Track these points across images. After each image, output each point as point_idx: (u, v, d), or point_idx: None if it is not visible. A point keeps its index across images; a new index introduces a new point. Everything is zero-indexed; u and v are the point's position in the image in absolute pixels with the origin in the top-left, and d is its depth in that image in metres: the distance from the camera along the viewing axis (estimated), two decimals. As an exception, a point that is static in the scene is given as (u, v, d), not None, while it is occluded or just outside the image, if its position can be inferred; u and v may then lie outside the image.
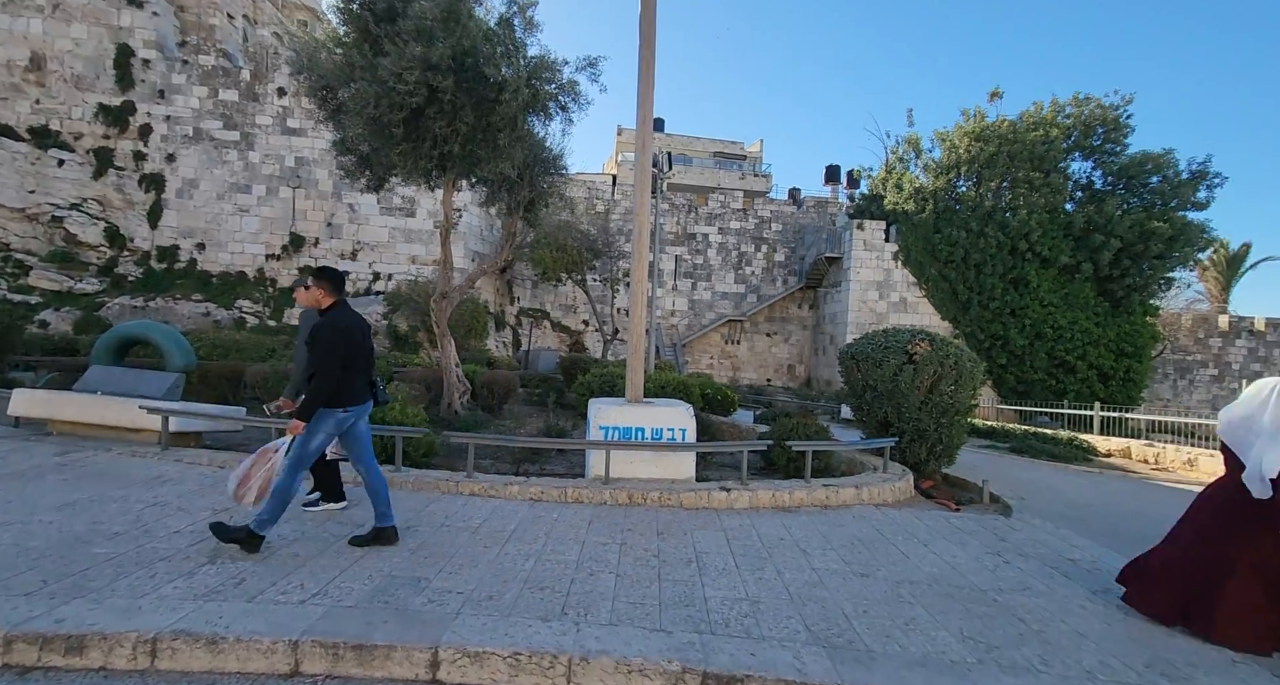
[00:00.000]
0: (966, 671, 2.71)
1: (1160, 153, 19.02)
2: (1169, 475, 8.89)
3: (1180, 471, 9.03)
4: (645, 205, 6.07)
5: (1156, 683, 2.71)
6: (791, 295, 26.60)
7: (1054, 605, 3.56)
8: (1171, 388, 24.56)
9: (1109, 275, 19.74)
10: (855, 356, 7.61)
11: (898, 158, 23.37)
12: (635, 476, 5.63)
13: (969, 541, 4.75)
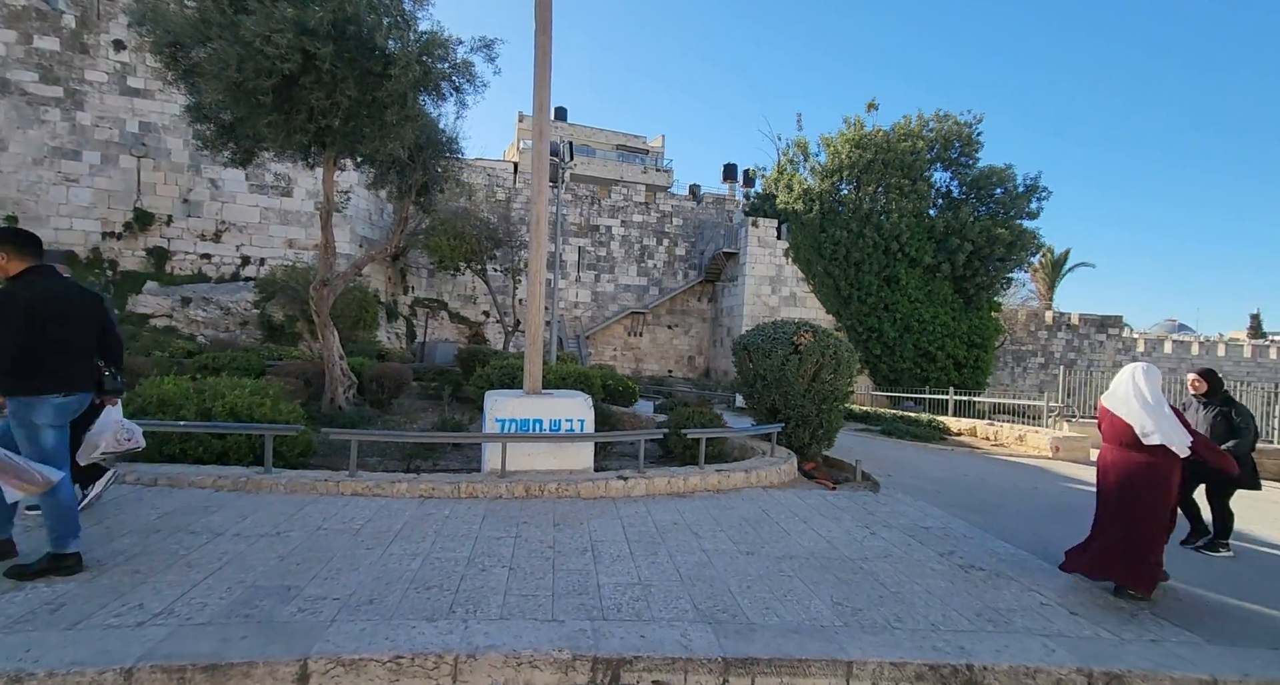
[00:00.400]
0: (834, 634, 2.97)
1: (1003, 167, 21.77)
2: (1004, 450, 10.30)
3: (1013, 446, 10.50)
4: (543, 194, 5.97)
5: (983, 628, 3.14)
6: (692, 289, 27.43)
7: (909, 569, 3.99)
8: (1009, 374, 28.25)
9: (963, 275, 22.31)
10: (747, 347, 8.00)
11: (788, 160, 24.79)
12: (533, 469, 5.56)
13: (843, 517, 5.20)
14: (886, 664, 2.76)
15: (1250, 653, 3.00)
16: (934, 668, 2.77)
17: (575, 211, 26.22)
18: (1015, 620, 3.28)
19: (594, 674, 2.56)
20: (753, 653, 2.72)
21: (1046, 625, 3.23)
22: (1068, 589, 3.77)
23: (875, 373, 23.71)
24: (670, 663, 2.62)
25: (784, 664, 2.70)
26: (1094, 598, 3.66)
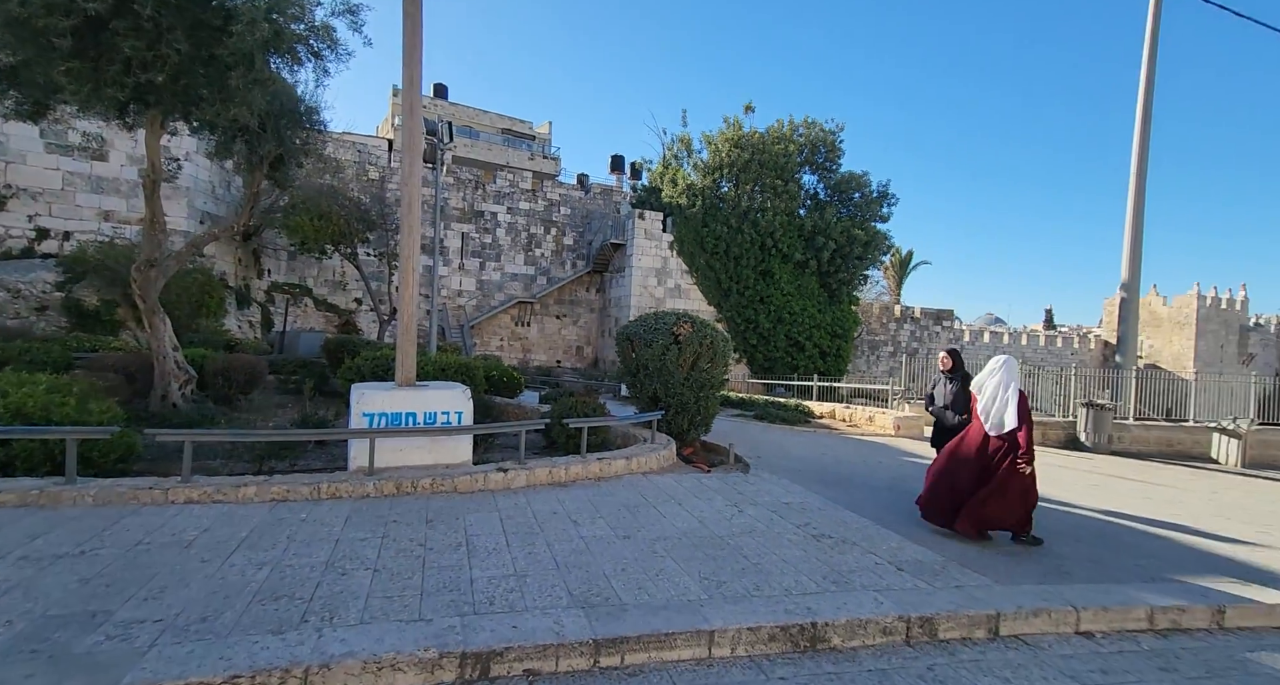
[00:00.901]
0: (700, 607, 3.17)
1: (861, 174, 24.06)
2: (858, 430, 11.52)
3: (865, 427, 11.77)
4: (416, 175, 5.63)
5: (828, 589, 3.51)
6: (580, 279, 27.36)
7: (770, 542, 4.34)
8: (866, 361, 31.46)
9: (828, 271, 24.39)
10: (630, 337, 8.17)
11: (673, 154, 25.47)
12: (406, 464, 5.29)
13: (715, 497, 5.52)
14: (744, 629, 3.00)
15: (1023, 589, 3.64)
16: (784, 628, 3.06)
17: (458, 196, 25.01)
18: (854, 580, 3.70)
19: (462, 670, 2.51)
20: (623, 632, 2.83)
21: (878, 581, 3.68)
22: (897, 550, 4.31)
23: (752, 362, 25.26)
24: (542, 650, 2.65)
25: (651, 639, 2.84)
26: (917, 556, 4.22)
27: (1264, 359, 37.07)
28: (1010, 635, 3.34)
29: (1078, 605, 3.47)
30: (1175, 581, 3.95)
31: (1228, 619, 3.59)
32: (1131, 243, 13.53)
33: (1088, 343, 36.90)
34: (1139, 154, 12.94)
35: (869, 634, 3.17)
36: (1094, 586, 3.78)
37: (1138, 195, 12.98)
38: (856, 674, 2.85)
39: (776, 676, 2.79)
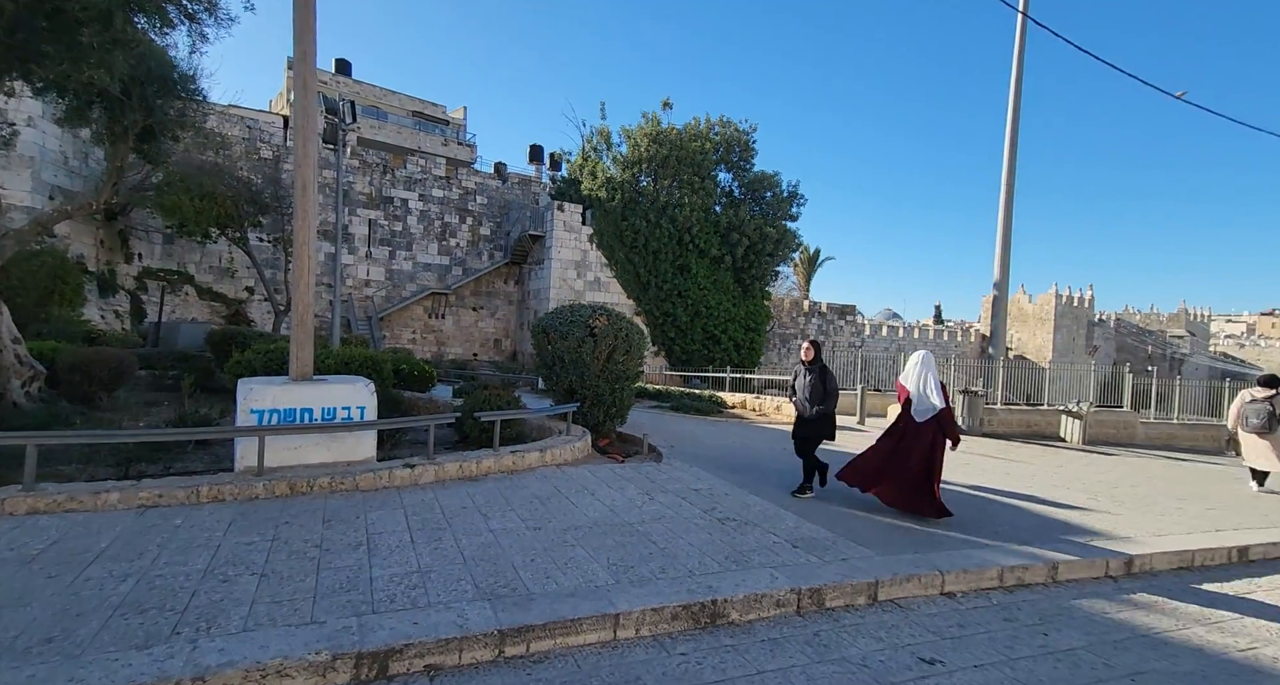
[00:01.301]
0: (607, 592, 3.25)
1: (772, 173, 25.16)
2: (766, 419, 12.14)
3: (773, 415, 12.42)
4: (310, 155, 5.27)
5: (730, 568, 3.71)
6: (498, 270, 26.69)
7: (678, 526, 4.51)
8: (777, 354, 33.04)
9: (742, 266, 25.32)
10: (546, 330, 8.12)
11: (592, 147, 25.38)
12: (301, 463, 4.98)
13: (627, 486, 5.63)
14: (648, 610, 3.12)
15: (899, 558, 4.03)
16: (687, 607, 3.21)
17: (364, 180, 23.56)
18: (753, 558, 3.93)
19: (358, 671, 2.44)
20: (528, 621, 2.85)
21: (775, 559, 3.94)
22: (794, 529, 4.62)
23: (670, 354, 25.79)
24: (444, 644, 2.62)
25: (558, 626, 2.89)
26: (811, 533, 4.54)
27: (1105, 350, 42.68)
28: (887, 599, 3.69)
29: (943, 570, 3.89)
30: (1023, 544, 4.51)
31: (1060, 573, 4.16)
32: (1002, 249, 15.07)
33: (969, 336, 40.78)
34: (1007, 179, 14.47)
35: (764, 607, 3.39)
36: (957, 553, 4.25)
37: (1006, 211, 14.51)
38: (751, 645, 3.05)
39: (678, 652, 2.92)
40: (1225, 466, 9.31)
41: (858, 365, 14.93)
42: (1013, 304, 42.45)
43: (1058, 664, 2.98)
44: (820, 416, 5.64)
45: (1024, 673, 2.89)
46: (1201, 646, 3.23)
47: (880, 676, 2.80)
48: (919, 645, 3.13)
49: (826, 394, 5.63)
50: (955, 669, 2.91)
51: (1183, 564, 4.56)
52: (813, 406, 5.61)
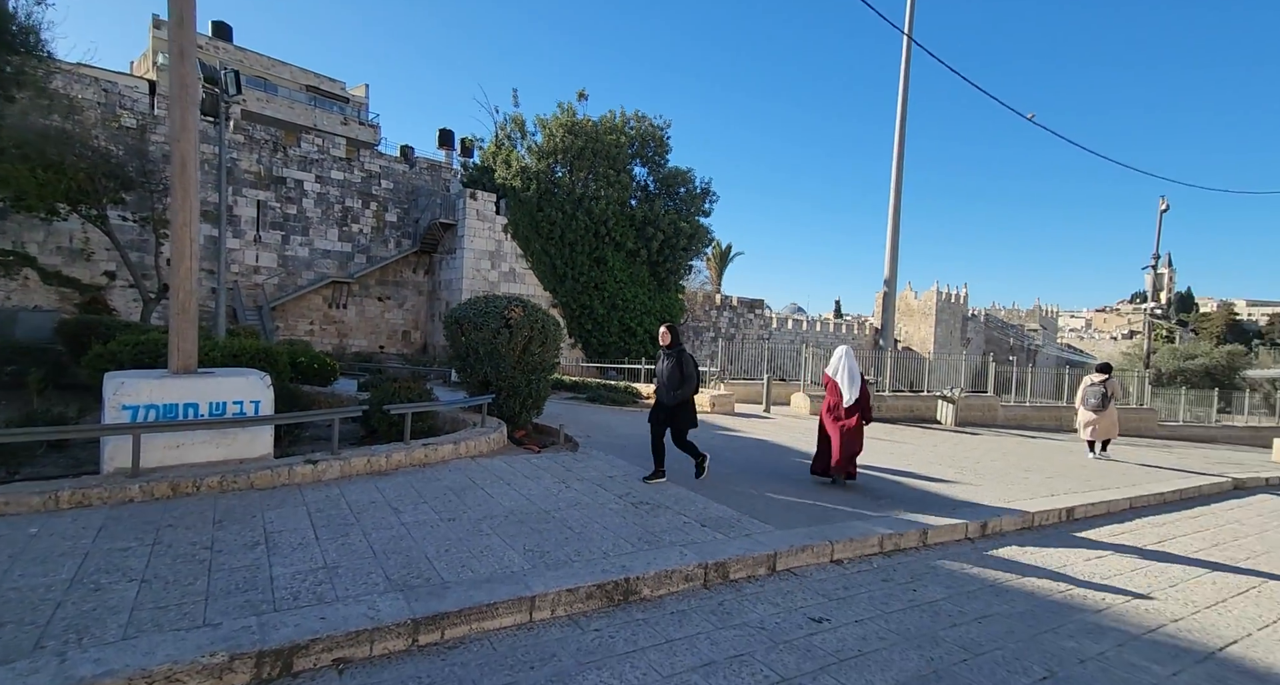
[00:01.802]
0: (523, 576, 3.32)
1: (686, 170, 25.77)
2: (681, 407, 12.58)
3: (687, 404, 12.89)
4: (190, 128, 4.83)
5: (642, 548, 3.90)
6: (406, 258, 25.43)
7: (594, 512, 4.64)
8: (692, 346, 34.03)
9: (657, 260, 25.79)
10: (459, 321, 7.93)
11: (506, 135, 24.78)
12: (186, 462, 4.60)
13: (543, 476, 5.69)
14: (563, 592, 3.22)
15: (795, 532, 4.41)
16: (600, 586, 3.35)
17: (251, 157, 21.55)
18: (665, 538, 4.14)
19: (259, 670, 2.36)
20: (443, 608, 2.87)
21: (685, 538, 4.17)
22: (703, 510, 4.89)
23: (587, 346, 25.83)
24: (354, 636, 2.59)
25: (473, 612, 2.93)
26: (718, 513, 4.84)
27: (976, 342, 47.73)
28: (784, 569, 4.03)
29: (832, 540, 4.30)
30: (900, 514, 5.07)
31: (930, 538, 4.73)
32: (891, 251, 16.43)
33: (864, 329, 44.05)
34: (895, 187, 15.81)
35: (674, 583, 3.61)
36: (845, 524, 4.70)
37: (894, 216, 15.85)
38: (661, 617, 3.24)
39: (592, 629, 3.06)
40: (1064, 442, 10.84)
41: (764, 357, 15.78)
42: (901, 300, 46.36)
43: (922, 614, 3.43)
44: (680, 402, 5.48)
45: (895, 623, 3.30)
46: (1033, 591, 3.82)
47: (775, 636, 3.09)
48: (810, 607, 3.47)
49: (684, 379, 5.44)
50: (839, 624, 3.26)
51: (1025, 525, 5.32)
52: (671, 391, 5.44)
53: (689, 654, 2.87)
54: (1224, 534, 5.55)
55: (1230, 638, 3.24)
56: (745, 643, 3.01)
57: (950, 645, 3.07)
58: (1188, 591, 3.92)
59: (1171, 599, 3.77)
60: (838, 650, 2.97)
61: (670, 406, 5.54)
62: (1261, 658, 3.04)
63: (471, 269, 23.46)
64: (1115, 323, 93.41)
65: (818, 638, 3.10)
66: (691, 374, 5.49)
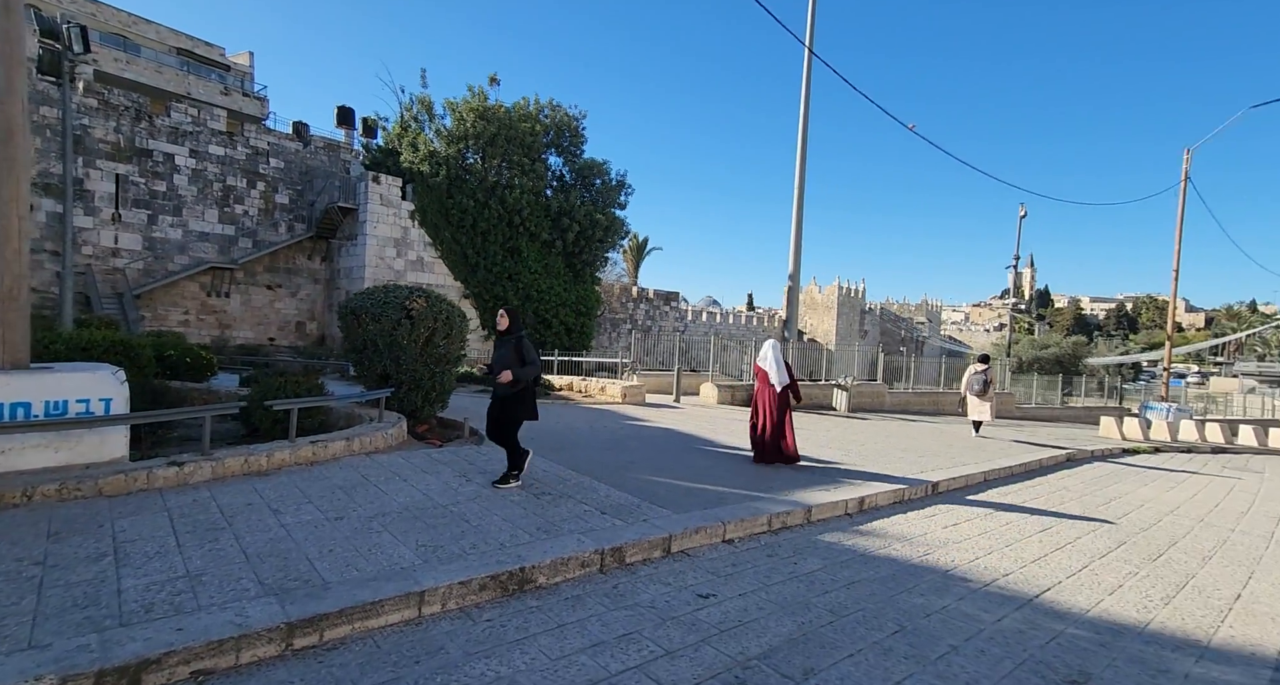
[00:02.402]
0: (413, 572, 3.25)
1: (602, 161, 25.78)
2: (592, 400, 12.65)
3: (598, 396, 12.98)
4: (16, 88, 4.22)
5: (540, 538, 3.92)
6: (300, 244, 23.60)
7: (495, 505, 4.60)
8: (608, 338, 34.19)
9: (572, 251, 25.64)
10: (355, 312, 7.52)
11: (412, 116, 23.58)
12: (16, 469, 4.06)
13: (443, 470, 5.55)
14: (455, 584, 3.19)
15: (691, 515, 4.61)
16: (494, 577, 3.34)
17: (107, 125, 19.05)
18: (564, 527, 4.19)
19: (101, 690, 2.16)
20: (322, 609, 2.76)
21: (584, 525, 4.24)
22: (605, 498, 4.98)
23: (501, 339, 25.26)
24: (217, 646, 2.43)
25: (356, 611, 2.83)
26: (620, 500, 4.95)
27: (873, 334, 51.54)
28: (679, 551, 4.21)
29: (724, 521, 4.53)
30: (789, 494, 5.43)
31: (814, 514, 5.11)
32: (795, 247, 17.35)
33: (773, 321, 46.21)
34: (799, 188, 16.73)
35: (570, 569, 3.67)
36: (739, 506, 4.97)
37: (798, 215, 16.76)
38: (555, 603, 3.30)
39: (484, 620, 3.06)
40: (938, 424, 12.02)
41: (676, 349, 16.20)
42: (807, 294, 49.06)
43: (799, 584, 3.71)
44: (516, 395, 4.97)
45: (775, 594, 3.55)
46: (896, 557, 4.25)
47: (664, 613, 3.23)
48: (699, 585, 3.65)
49: (525, 366, 4.95)
50: (725, 599, 3.46)
51: (896, 499, 5.87)
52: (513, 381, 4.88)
53: (579, 636, 2.94)
54: (1054, 499, 6.43)
55: (1046, 586, 3.78)
56: (635, 622, 3.12)
57: (820, 610, 3.36)
58: (1019, 549, 4.52)
59: (1006, 557, 4.33)
60: (720, 622, 3.16)
61: (502, 397, 5.04)
62: (1065, 600, 3.58)
63: (375, 257, 22.20)
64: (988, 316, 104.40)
65: (703, 612, 3.28)
66: (533, 361, 5.02)
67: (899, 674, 2.75)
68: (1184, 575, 4.14)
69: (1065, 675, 2.74)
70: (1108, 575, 4.03)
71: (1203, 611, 3.54)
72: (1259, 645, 3.17)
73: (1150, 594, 3.74)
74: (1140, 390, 28.77)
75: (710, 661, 2.78)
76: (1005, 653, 2.93)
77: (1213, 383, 55.21)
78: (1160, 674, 2.79)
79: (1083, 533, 5.06)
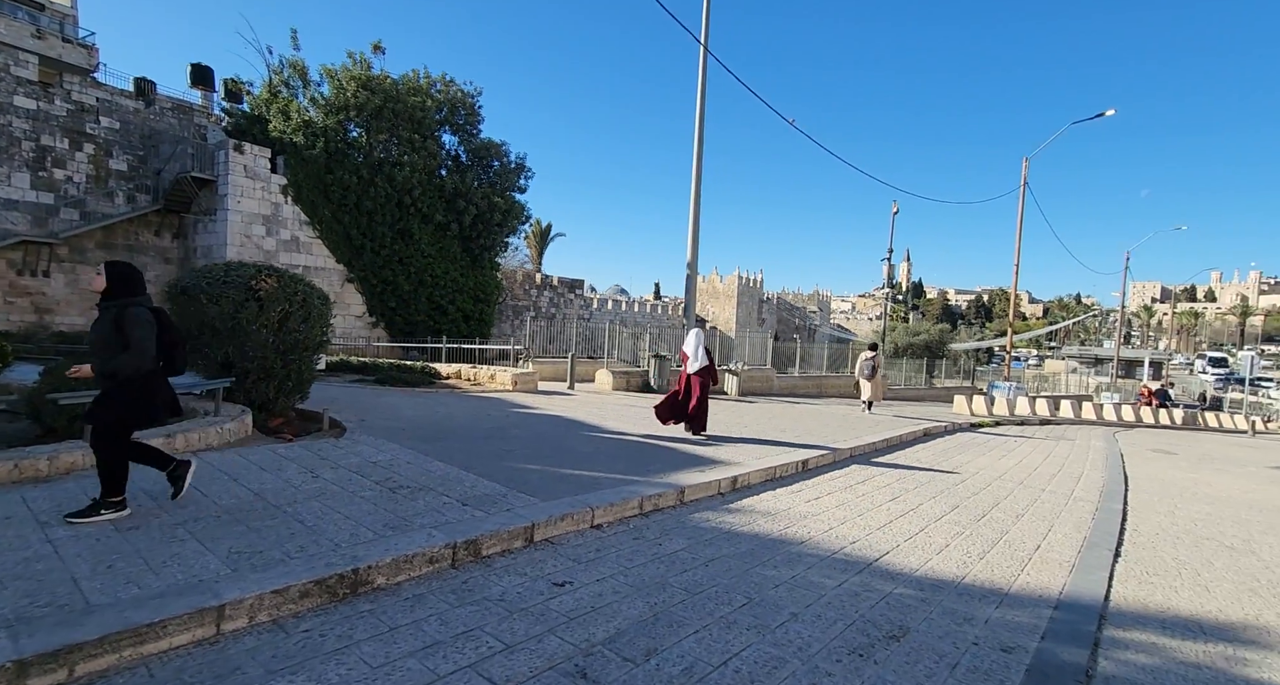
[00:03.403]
0: (214, 584, 2.82)
1: (500, 143, 24.78)
2: (480, 388, 12.13)
3: (488, 385, 12.47)
4: None
5: (385, 534, 3.59)
6: (145, 218, 20.68)
7: (340, 501, 4.18)
8: (511, 326, 33.20)
9: (470, 235, 24.51)
10: (186, 291, 6.60)
11: (283, 81, 21.31)
12: None
13: (288, 467, 4.99)
14: (267, 594, 2.81)
15: (560, 502, 4.46)
16: (320, 582, 2.99)
17: None
18: (415, 521, 3.88)
19: None
20: (75, 639, 2.30)
21: (439, 519, 3.95)
22: (470, 489, 4.70)
23: (391, 325, 23.71)
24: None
25: (125, 635, 2.39)
26: (486, 491, 4.69)
27: (770, 322, 54.22)
28: (542, 539, 4.04)
29: (593, 506, 4.42)
30: (664, 476, 5.44)
31: (687, 496, 5.14)
32: (692, 236, 17.63)
33: (679, 310, 47.19)
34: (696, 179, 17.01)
35: (415, 567, 3.38)
36: (612, 490, 4.88)
37: (695, 207, 17.07)
38: (392, 604, 3.01)
39: (300, 631, 2.72)
40: (819, 406, 12.76)
41: (573, 336, 15.97)
42: (709, 283, 50.53)
43: (660, 565, 3.68)
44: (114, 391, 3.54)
45: (634, 577, 3.48)
46: (757, 533, 4.36)
47: (513, 606, 3.05)
48: (557, 573, 3.51)
49: (128, 346, 3.45)
50: (581, 585, 3.34)
51: (769, 477, 6.08)
52: (104, 364, 3.45)
53: (412, 639, 2.70)
54: (905, 472, 6.98)
55: (886, 550, 4.03)
56: (479, 617, 2.92)
57: (675, 589, 3.33)
58: (869, 518, 4.81)
59: (855, 525, 4.58)
60: (572, 610, 3.04)
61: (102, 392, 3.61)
62: (900, 562, 3.83)
63: (240, 235, 19.94)
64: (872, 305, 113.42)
65: (555, 601, 3.14)
66: (139, 340, 3.43)
67: (739, 645, 2.76)
68: (1000, 532, 4.60)
69: (887, 632, 2.89)
70: (939, 536, 4.38)
71: (1009, 563, 3.93)
72: (1046, 588, 3.56)
73: (970, 551, 4.10)
74: (990, 372, 32.59)
75: (552, 652, 2.65)
76: (839, 615, 3.05)
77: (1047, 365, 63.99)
78: (966, 622, 3.03)
79: (925, 499, 5.50)
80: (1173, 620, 3.34)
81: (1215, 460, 10.75)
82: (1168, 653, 2.96)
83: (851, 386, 18.60)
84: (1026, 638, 2.94)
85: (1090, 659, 2.80)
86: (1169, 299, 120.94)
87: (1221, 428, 20.72)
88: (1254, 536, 5.28)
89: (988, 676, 2.60)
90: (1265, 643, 3.17)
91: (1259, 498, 7.16)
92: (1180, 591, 3.79)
